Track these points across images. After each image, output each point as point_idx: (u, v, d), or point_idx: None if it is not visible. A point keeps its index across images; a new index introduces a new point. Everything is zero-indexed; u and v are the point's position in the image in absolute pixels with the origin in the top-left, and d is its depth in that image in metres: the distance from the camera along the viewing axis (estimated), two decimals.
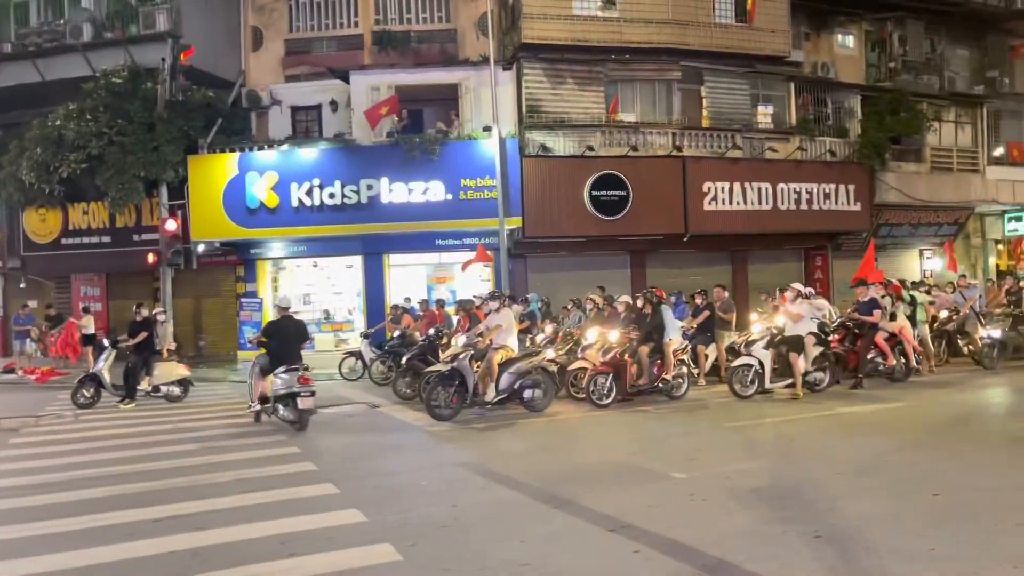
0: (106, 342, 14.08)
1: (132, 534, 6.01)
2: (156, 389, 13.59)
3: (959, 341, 15.85)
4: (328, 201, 19.25)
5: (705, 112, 21.27)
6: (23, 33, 20.98)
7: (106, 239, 21.21)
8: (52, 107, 19.78)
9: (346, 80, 20.37)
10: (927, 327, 14.94)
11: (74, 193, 20.53)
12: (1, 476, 8.17)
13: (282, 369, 10.61)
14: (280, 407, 10.65)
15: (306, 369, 10.74)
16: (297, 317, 11.72)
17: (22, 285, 22.44)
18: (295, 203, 19.26)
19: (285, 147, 19.82)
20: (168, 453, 9.20)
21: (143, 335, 13.67)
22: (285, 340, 10.88)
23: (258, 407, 11.01)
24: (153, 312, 15.11)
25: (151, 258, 19.11)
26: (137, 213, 20.68)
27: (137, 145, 18.97)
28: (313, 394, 10.53)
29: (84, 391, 13.18)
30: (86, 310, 19.48)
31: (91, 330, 18.58)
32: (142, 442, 10.02)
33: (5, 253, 22.53)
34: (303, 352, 11.12)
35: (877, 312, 12.83)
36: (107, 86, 19.41)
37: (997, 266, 26.22)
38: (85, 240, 21.39)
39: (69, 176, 19.40)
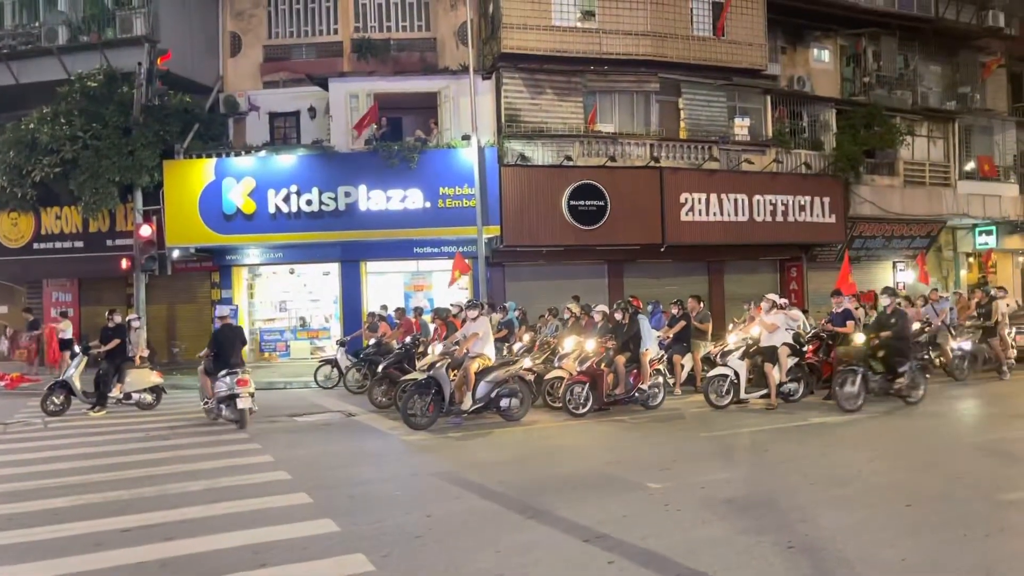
0: (77, 348, 13.89)
1: (99, 544, 5.92)
2: (128, 396, 13.38)
3: (931, 353, 16.03)
4: (305, 208, 19.16)
5: (682, 124, 21.44)
6: None
7: (79, 244, 20.90)
8: (26, 110, 19.58)
9: (325, 87, 20.33)
10: None
11: (47, 197, 20.24)
12: None
13: (223, 373, 11.47)
14: (223, 407, 11.47)
15: (245, 372, 11.51)
16: (235, 324, 12.81)
17: None
18: (272, 210, 19.15)
19: (263, 153, 19.71)
20: (138, 461, 9.07)
21: (115, 341, 13.49)
22: (227, 346, 11.87)
23: (214, 404, 11.65)
24: (127, 318, 14.91)
25: (125, 264, 18.90)
26: (111, 218, 20.41)
27: (112, 150, 18.79)
28: (252, 395, 11.38)
29: (54, 398, 12.96)
30: (64, 314, 19.20)
31: (68, 335, 18.28)
32: (112, 450, 9.87)
33: None
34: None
35: (851, 323, 12.95)
36: (82, 90, 19.21)
37: (984, 279, 26.45)
38: (58, 245, 21.06)
39: (42, 180, 19.15)
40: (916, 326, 16.11)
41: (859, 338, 12.13)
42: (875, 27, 24.35)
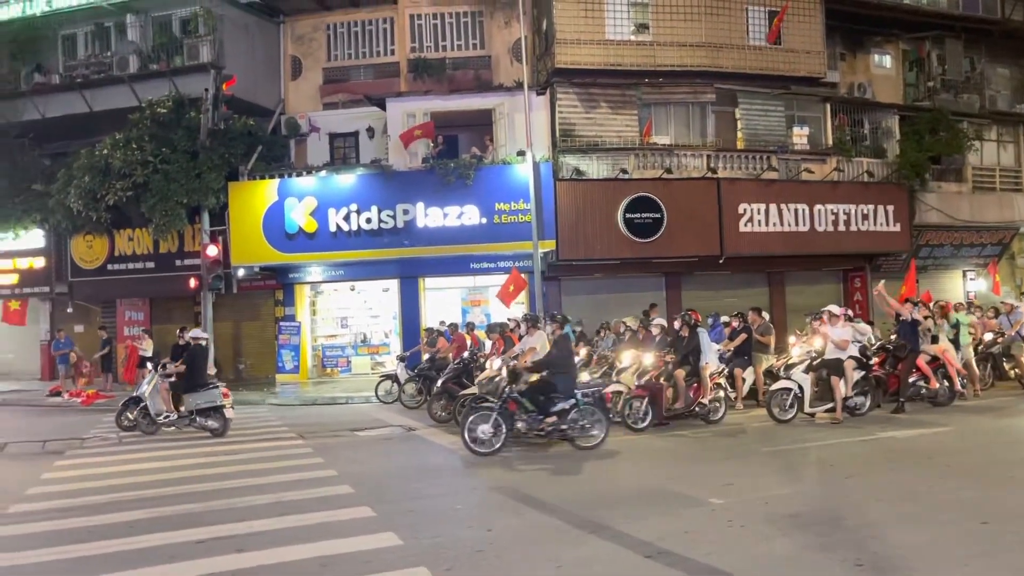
0: (149, 366, 14.36)
1: (174, 556, 6.11)
2: (192, 414, 13.72)
3: (1004, 364, 15.48)
4: (365, 226, 19.50)
5: (740, 134, 21.21)
6: (71, 65, 21.75)
7: (150, 264, 21.69)
8: (99, 137, 20.42)
9: (383, 107, 20.72)
10: (971, 350, 14.62)
11: (120, 220, 21.08)
12: (46, 498, 8.36)
13: (203, 387, 12.59)
14: (199, 417, 12.50)
15: (223, 385, 12.83)
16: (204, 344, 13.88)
17: (69, 310, 23.00)
18: (333, 228, 19.55)
19: (323, 173, 20.17)
20: (208, 475, 9.33)
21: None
22: (202, 364, 13.02)
23: (184, 416, 12.59)
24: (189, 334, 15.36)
25: (193, 283, 19.47)
26: (180, 239, 21.14)
27: (180, 173, 19.46)
28: (232, 406, 12.78)
29: (128, 414, 13.37)
30: (147, 332, 19.90)
31: (149, 353, 18.79)
32: (183, 464, 10.18)
33: (53, 279, 23.12)
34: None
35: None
36: (152, 116, 19.95)
37: None
38: (130, 266, 21.90)
39: (115, 203, 19.94)
40: (988, 336, 15.65)
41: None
42: (939, 30, 23.73)
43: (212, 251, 19.24)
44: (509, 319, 15.31)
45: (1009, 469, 8.49)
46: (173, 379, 13.07)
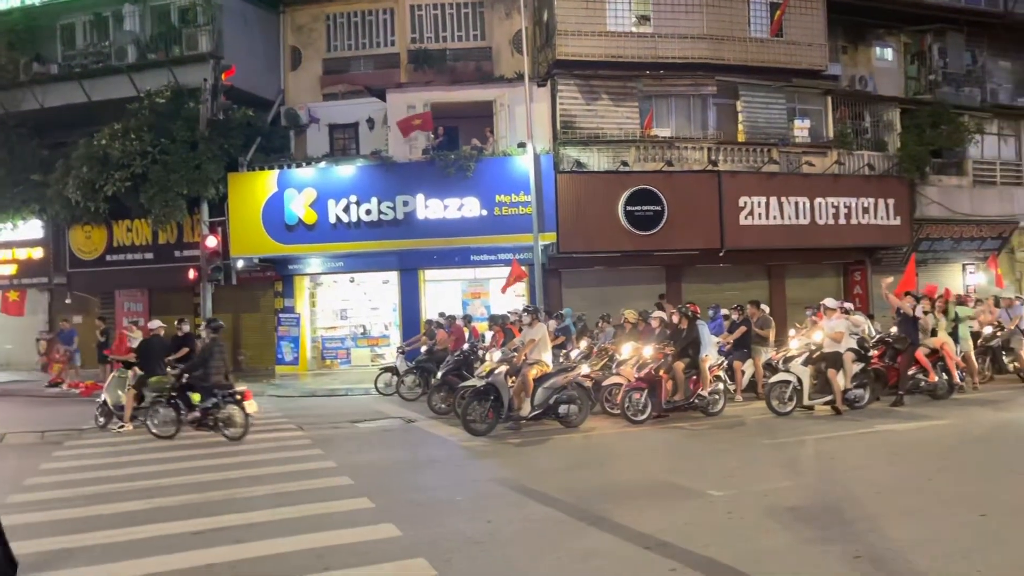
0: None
1: (172, 546, 6.11)
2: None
3: (1004, 358, 15.47)
4: (365, 217, 19.47)
5: (741, 126, 21.16)
6: (70, 55, 21.68)
7: (149, 255, 21.67)
8: (98, 127, 20.31)
9: (383, 98, 20.65)
10: (970, 343, 14.61)
11: (118, 211, 21.03)
12: (44, 488, 8.35)
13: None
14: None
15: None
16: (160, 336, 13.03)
17: (68, 301, 22.98)
18: (332, 219, 19.51)
19: (323, 164, 20.12)
20: (206, 467, 9.33)
21: (184, 350, 13.84)
22: (155, 357, 12.26)
23: (130, 427, 12.05)
24: (200, 328, 15.34)
25: (192, 274, 19.44)
26: (179, 230, 21.11)
27: (179, 163, 19.40)
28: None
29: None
30: (135, 323, 19.85)
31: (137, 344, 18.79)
32: (181, 455, 10.18)
33: (52, 269, 23.09)
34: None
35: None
36: (151, 106, 19.90)
37: None
38: (129, 256, 21.88)
39: (114, 194, 19.88)
40: (988, 330, 15.63)
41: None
42: (941, 23, 23.65)
43: (211, 242, 19.20)
44: (510, 312, 15.29)
45: (1008, 462, 8.49)
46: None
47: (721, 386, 12.41)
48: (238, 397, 11.30)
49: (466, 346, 14.63)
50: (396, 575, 5.36)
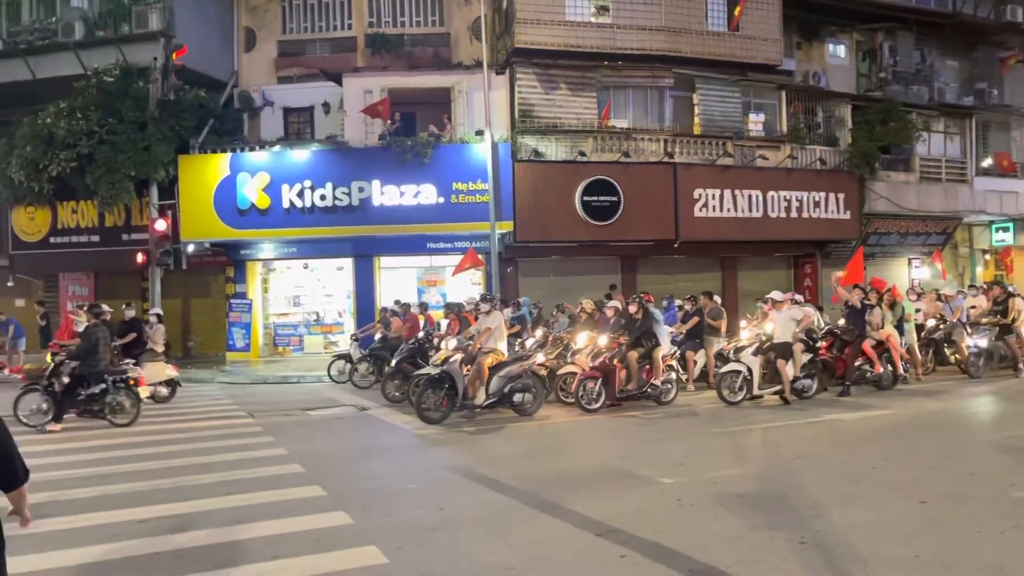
0: None
1: (116, 535, 5.98)
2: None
3: (946, 350, 15.93)
4: (319, 203, 19.24)
5: (697, 119, 21.37)
6: (15, 31, 20.91)
7: (95, 238, 21.12)
8: (43, 105, 19.70)
9: (339, 82, 20.40)
10: (915, 336, 15.01)
11: (63, 192, 20.43)
12: None
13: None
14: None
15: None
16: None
17: (10, 284, 22.30)
18: (286, 204, 19.25)
19: (277, 148, 19.81)
20: (154, 454, 9.15)
21: (131, 336, 13.58)
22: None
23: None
24: (150, 312, 15.02)
25: (140, 258, 19.04)
26: (127, 213, 20.61)
27: (128, 144, 18.91)
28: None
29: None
30: (81, 307, 19.33)
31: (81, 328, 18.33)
32: (127, 442, 9.96)
33: None
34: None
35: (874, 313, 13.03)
36: (98, 84, 19.37)
37: (1000, 276, 26.23)
38: (74, 239, 21.30)
39: (59, 175, 19.30)
40: (931, 323, 16.08)
41: None
42: (892, 22, 24.17)
43: (161, 225, 18.82)
44: (466, 300, 15.26)
45: (946, 451, 8.75)
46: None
47: (674, 375, 12.56)
48: (131, 383, 10.99)
49: (421, 334, 14.57)
50: (347, 563, 5.32)
